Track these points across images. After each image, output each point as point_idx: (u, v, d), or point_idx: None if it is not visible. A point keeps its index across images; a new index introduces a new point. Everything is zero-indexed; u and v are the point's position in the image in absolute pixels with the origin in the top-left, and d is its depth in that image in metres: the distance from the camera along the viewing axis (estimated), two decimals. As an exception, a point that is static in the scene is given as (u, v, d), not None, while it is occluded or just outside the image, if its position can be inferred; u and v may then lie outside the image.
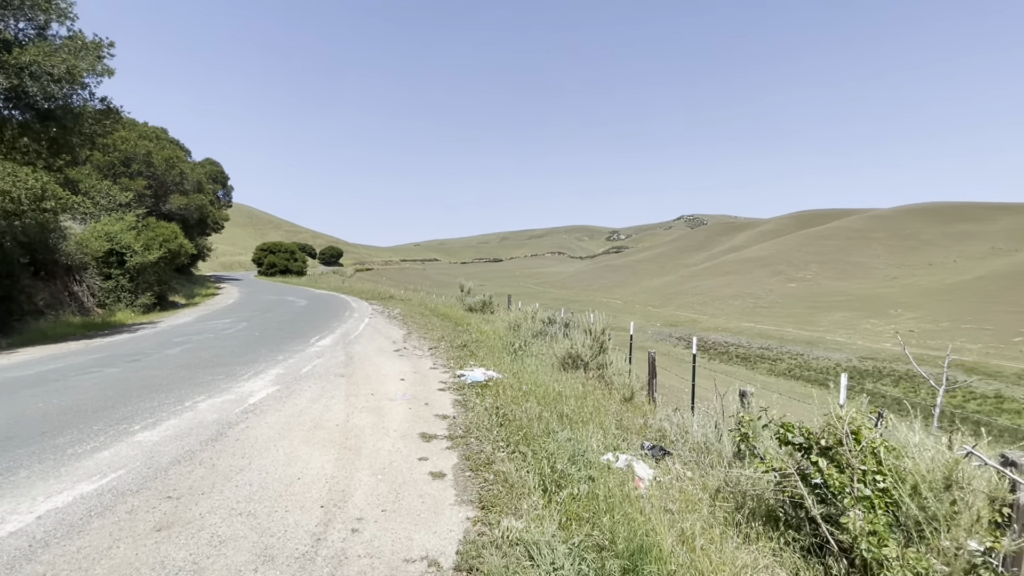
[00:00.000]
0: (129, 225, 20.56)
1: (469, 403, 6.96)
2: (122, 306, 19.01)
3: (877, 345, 42.36)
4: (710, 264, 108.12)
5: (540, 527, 3.43)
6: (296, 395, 7.28)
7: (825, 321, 53.39)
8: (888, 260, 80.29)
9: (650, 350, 9.73)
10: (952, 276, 63.30)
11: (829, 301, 61.13)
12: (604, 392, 8.09)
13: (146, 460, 4.74)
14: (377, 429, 5.82)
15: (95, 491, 4.08)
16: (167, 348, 11.48)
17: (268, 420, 6.04)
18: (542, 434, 5.24)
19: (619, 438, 5.52)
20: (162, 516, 3.71)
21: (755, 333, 52.19)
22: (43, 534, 3.45)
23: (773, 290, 73.45)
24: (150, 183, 30.88)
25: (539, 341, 12.61)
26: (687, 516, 3.58)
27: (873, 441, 3.32)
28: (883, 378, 34.30)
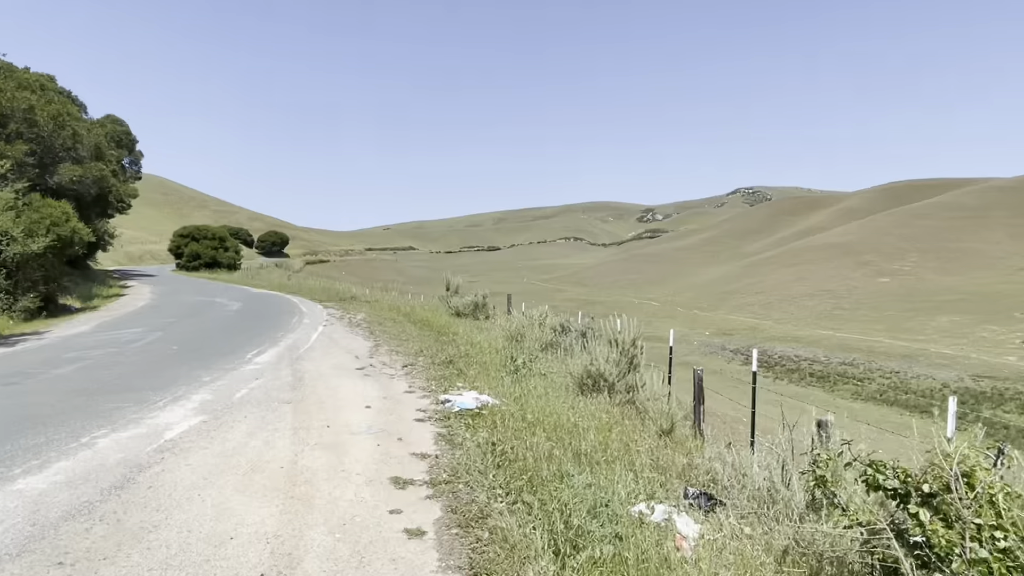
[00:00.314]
0: (6, 204, 20.56)
1: (456, 438, 6.96)
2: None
3: (998, 359, 42.36)
4: (775, 252, 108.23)
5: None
6: (228, 428, 7.29)
7: (928, 328, 53.40)
8: (1012, 247, 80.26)
9: (696, 367, 9.74)
10: (1096, 267, 63.31)
11: (933, 301, 61.12)
12: (635, 423, 8.09)
13: (29, 514, 4.75)
14: (335, 472, 5.83)
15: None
16: (57, 367, 11.49)
17: (191, 461, 6.05)
18: (553, 478, 5.25)
19: (655, 483, 5.53)
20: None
21: (835, 344, 52.25)
22: None
23: (858, 286, 73.49)
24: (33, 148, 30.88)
25: (549, 356, 12.61)
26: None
27: (991, 486, 3.32)
28: (1006, 403, 34.31)
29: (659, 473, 5.97)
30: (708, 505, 5.16)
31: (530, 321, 15.55)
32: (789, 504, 4.64)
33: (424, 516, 4.89)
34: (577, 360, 10.62)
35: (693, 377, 9.23)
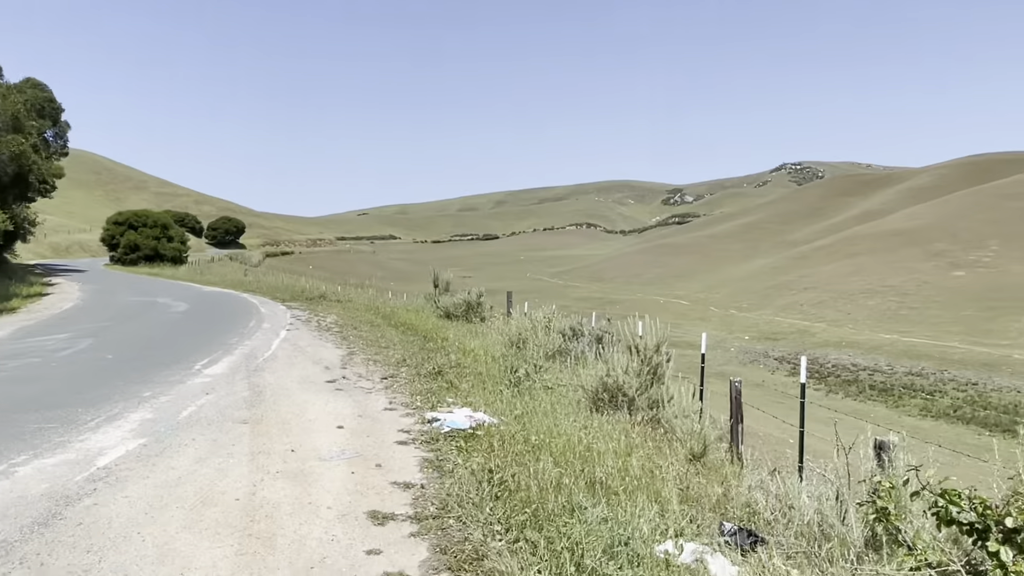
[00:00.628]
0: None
1: (446, 463, 6.96)
2: None
3: (1095, 368, 42.34)
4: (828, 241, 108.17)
5: (559, 659, 3.44)
6: (173, 453, 7.29)
7: (1012, 330, 53.38)
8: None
9: (733, 378, 9.72)
10: None
11: (1020, 299, 61.05)
12: (660, 445, 8.09)
13: (-64, 557, 4.75)
14: (301, 506, 5.82)
15: None
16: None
17: (129, 492, 6.05)
18: (562, 512, 5.25)
19: (684, 517, 5.52)
20: (-38, 645, 3.72)
21: (900, 350, 52.25)
22: None
23: (929, 281, 73.42)
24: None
25: (557, 365, 12.61)
26: (792, 640, 3.60)
27: (1087, 520, 3.32)
28: (1104, 420, 34.34)
29: (689, 505, 5.96)
30: (748, 543, 5.16)
31: (535, 324, 15.53)
32: (845, 541, 4.63)
33: (408, 558, 4.88)
34: (591, 370, 10.61)
35: (730, 390, 9.21)
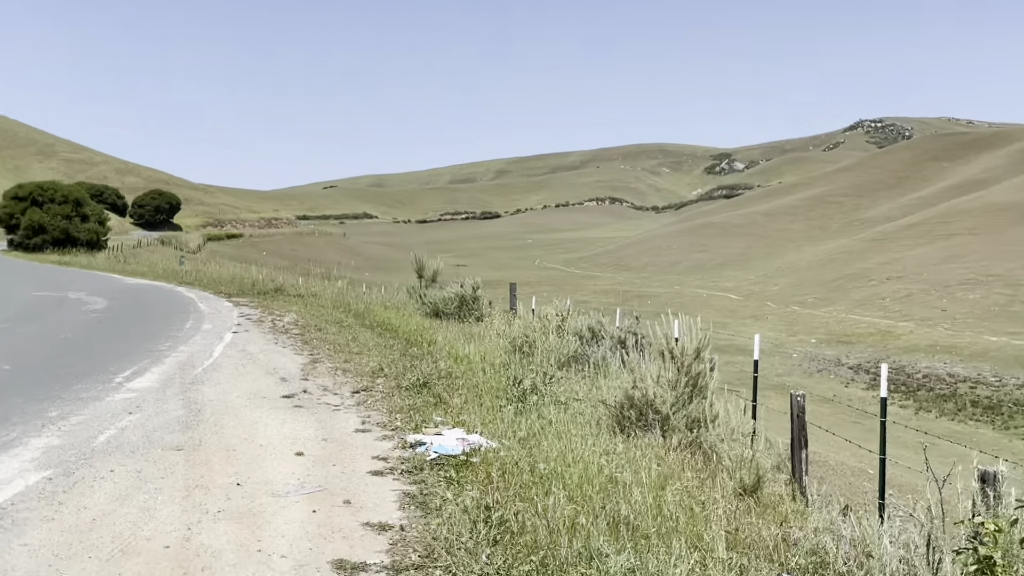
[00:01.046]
0: None
1: (433, 499, 6.93)
2: None
3: None
4: (917, 218, 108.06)
5: None
6: (86, 488, 7.26)
7: None
8: None
9: (795, 391, 9.70)
10: None
11: None
12: (702, 475, 8.08)
13: None
14: (248, 554, 5.79)
15: None
16: None
17: (28, 539, 6.02)
18: (578, 560, 5.23)
19: (734, 568, 5.51)
20: None
21: (1011, 357, 52.20)
22: None
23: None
24: None
25: (572, 375, 12.59)
26: None
27: None
28: None
29: (739, 552, 5.95)
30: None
31: (544, 324, 15.51)
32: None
33: (384, 622, 4.88)
34: (614, 381, 10.59)
35: (791, 407, 9.19)
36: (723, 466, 8.56)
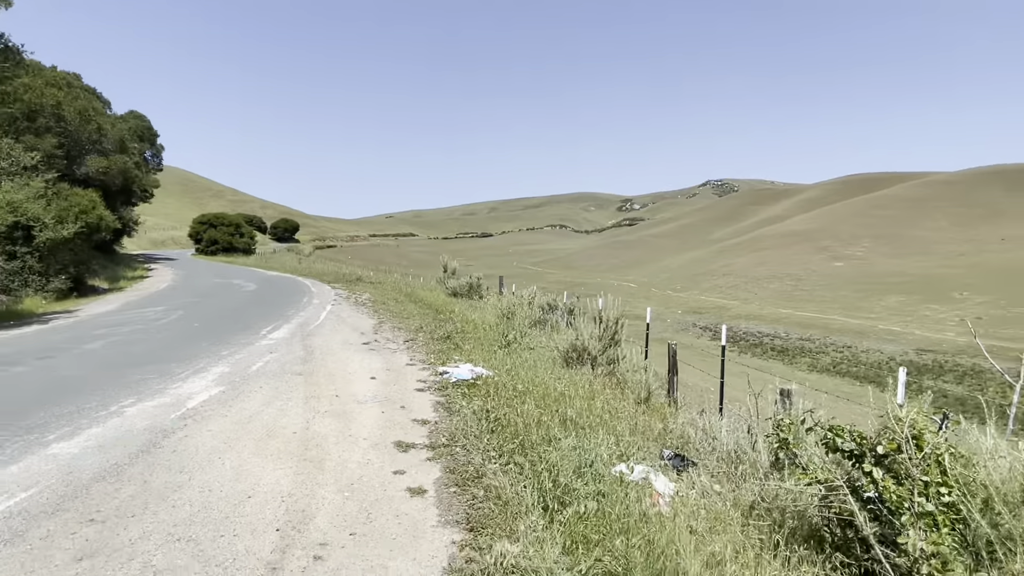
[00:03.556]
0: (37, 192, 20.23)
1: (454, 405, 6.96)
2: (30, 292, 18.80)
3: (938, 335, 42.83)
4: (742, 239, 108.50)
5: (540, 552, 3.45)
6: (245, 397, 7.26)
7: (877, 307, 53.86)
8: (953, 234, 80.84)
9: (670, 342, 9.77)
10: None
11: (882, 283, 61.59)
12: (616, 392, 8.12)
13: (63, 476, 4.71)
14: (343, 437, 5.82)
15: (0, 515, 4.05)
16: (87, 342, 11.40)
17: (211, 427, 6.02)
18: (542, 442, 5.26)
19: (634, 446, 5.55)
20: (84, 543, 3.69)
21: (794, 322, 52.63)
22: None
23: (816, 270, 73.87)
24: (61, 141, 30.34)
25: (537, 332, 12.62)
26: (716, 537, 3.61)
27: (937, 447, 3.34)
28: (944, 374, 34.78)
29: (638, 437, 5.99)
30: (681, 465, 5.19)
31: (520, 301, 15.53)
32: (755, 464, 4.66)
33: (425, 476, 4.89)
34: (563, 336, 10.63)
35: (668, 351, 9.26)
36: (628, 386, 8.61)
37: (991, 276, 56.71)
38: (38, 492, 4.41)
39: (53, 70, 35.19)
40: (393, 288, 25.74)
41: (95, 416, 6.34)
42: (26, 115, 28.32)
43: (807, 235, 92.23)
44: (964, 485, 3.26)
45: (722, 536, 3.65)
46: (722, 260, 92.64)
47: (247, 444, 5.54)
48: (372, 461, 5.20)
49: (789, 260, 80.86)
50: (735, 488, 4.48)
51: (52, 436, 5.66)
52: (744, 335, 49.52)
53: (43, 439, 5.57)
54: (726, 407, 8.26)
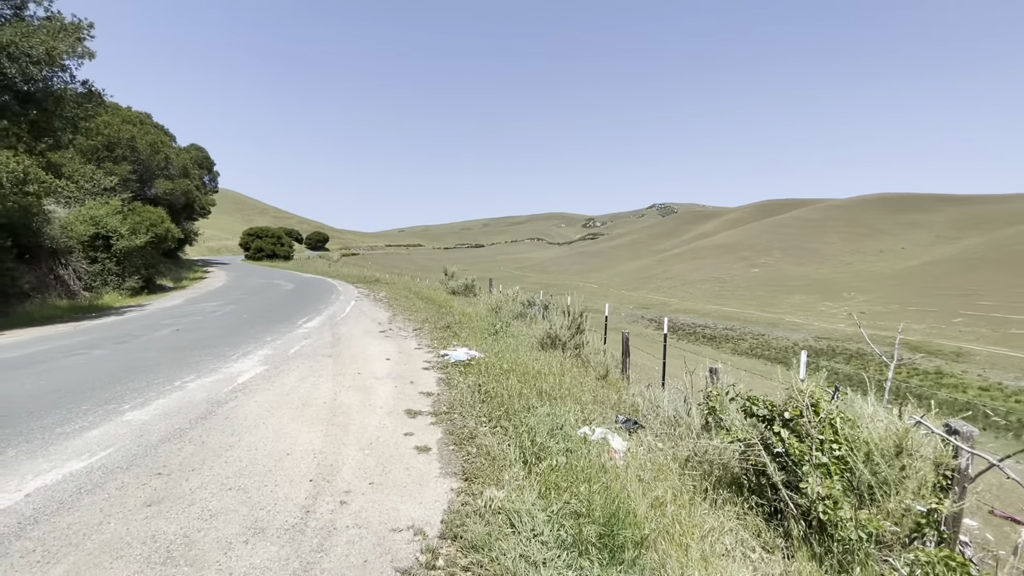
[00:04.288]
0: (115, 209, 19.83)
1: (452, 381, 6.93)
2: (109, 289, 18.40)
3: (832, 326, 43.57)
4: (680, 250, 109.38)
5: (521, 496, 3.45)
6: (284, 375, 7.16)
7: (785, 304, 54.62)
8: (843, 247, 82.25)
9: (624, 331, 9.82)
10: (901, 262, 65.22)
11: (789, 285, 62.48)
12: (581, 370, 8.14)
13: (135, 439, 4.61)
14: (364, 406, 5.76)
15: (84, 469, 3.96)
16: (155, 330, 11.18)
17: (257, 399, 5.93)
18: (522, 410, 5.25)
19: (595, 413, 5.57)
20: (152, 492, 3.62)
21: (721, 315, 53.19)
22: (32, 511, 3.33)
23: (738, 275, 74.73)
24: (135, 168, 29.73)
25: (519, 322, 12.62)
26: (659, 484, 3.64)
27: (830, 413, 3.40)
28: (836, 356, 35.36)
29: (598, 405, 6.01)
30: (632, 428, 5.22)
31: (506, 298, 15.51)
32: (690, 427, 4.70)
33: (430, 437, 4.86)
34: (540, 326, 10.63)
35: (622, 338, 9.31)
36: (591, 366, 8.64)
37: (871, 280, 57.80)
38: (115, 451, 4.32)
39: (128, 110, 34.49)
40: (404, 288, 25.59)
41: (162, 390, 6.22)
42: (105, 146, 27.74)
43: (731, 247, 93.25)
44: (851, 442, 3.32)
45: (664, 483, 3.68)
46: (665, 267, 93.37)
47: (286, 412, 5.47)
48: (387, 425, 5.16)
49: (717, 267, 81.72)
50: (674, 445, 4.52)
51: (127, 406, 5.54)
52: (682, 326, 49.93)
53: (119, 408, 5.45)
54: (668, 382, 8.31)
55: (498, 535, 3.08)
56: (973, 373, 30.25)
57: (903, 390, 26.43)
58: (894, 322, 41.34)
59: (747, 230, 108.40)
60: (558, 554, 2.89)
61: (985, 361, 32.15)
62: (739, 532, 3.24)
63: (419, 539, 3.14)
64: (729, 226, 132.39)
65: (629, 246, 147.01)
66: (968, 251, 60.28)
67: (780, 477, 3.39)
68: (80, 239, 17.66)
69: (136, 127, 31.28)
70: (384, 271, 44.94)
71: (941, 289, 48.88)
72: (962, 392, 27.24)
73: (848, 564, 2.91)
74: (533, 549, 2.92)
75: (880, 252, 75.25)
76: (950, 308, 43.24)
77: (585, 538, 3.00)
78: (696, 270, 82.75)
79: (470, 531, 3.15)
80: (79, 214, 18.37)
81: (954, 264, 56.05)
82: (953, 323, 39.97)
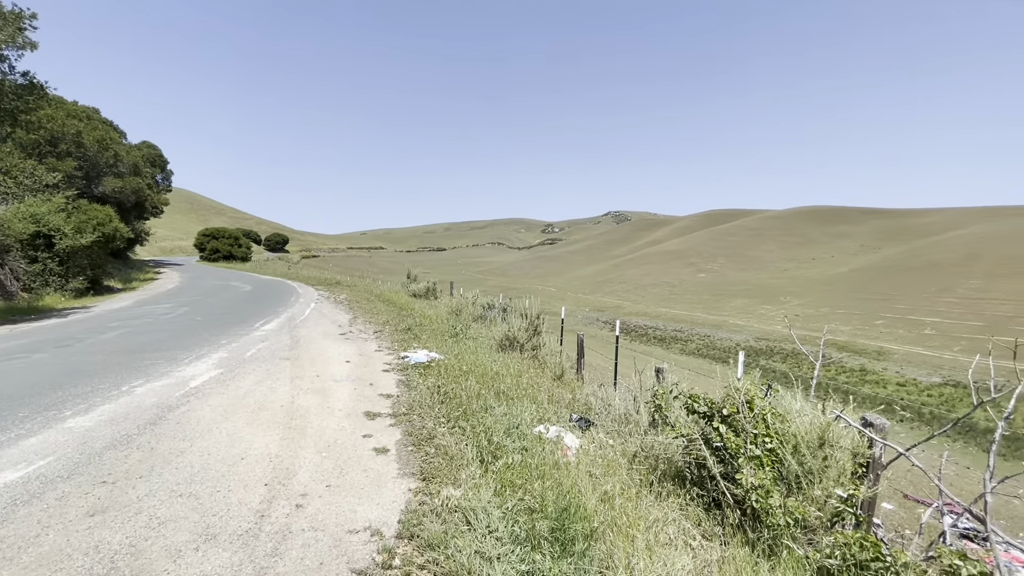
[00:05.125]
0: (58, 207, 18.48)
1: (412, 383, 6.84)
2: (51, 290, 17.13)
3: (770, 327, 45.73)
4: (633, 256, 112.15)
5: (477, 494, 3.46)
6: (240, 378, 6.88)
7: (728, 307, 56.92)
8: (780, 255, 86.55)
9: (579, 333, 9.98)
10: (830, 269, 69.21)
11: (732, 290, 65.16)
12: (538, 371, 8.21)
13: (78, 446, 4.33)
14: (322, 409, 5.62)
15: (19, 479, 3.68)
16: (101, 333, 10.50)
17: (211, 403, 5.68)
18: (480, 410, 5.26)
19: (550, 412, 5.64)
20: (96, 501, 3.41)
21: (670, 317, 54.85)
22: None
23: (686, 279, 77.31)
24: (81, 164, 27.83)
25: (479, 325, 12.60)
26: (608, 479, 3.73)
27: (763, 409, 3.59)
28: (774, 355, 37.14)
29: (553, 405, 6.08)
30: (585, 426, 5.32)
31: (466, 301, 15.45)
32: (638, 424, 4.84)
33: (388, 438, 4.80)
34: (499, 328, 10.66)
35: (577, 340, 9.46)
36: (547, 366, 8.73)
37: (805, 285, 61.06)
38: (55, 460, 4.04)
39: (74, 104, 32.28)
40: (365, 291, 25.04)
41: (108, 395, 5.85)
42: (48, 141, 25.85)
43: (680, 254, 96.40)
44: (781, 436, 3.51)
45: (613, 478, 3.78)
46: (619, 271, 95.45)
47: (241, 416, 5.27)
48: (345, 428, 5.05)
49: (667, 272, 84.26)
50: (624, 442, 4.64)
51: (68, 412, 5.19)
52: (635, 327, 51.17)
53: (60, 415, 5.10)
54: (620, 381, 8.50)
55: (454, 533, 3.08)
56: (892, 370, 32.46)
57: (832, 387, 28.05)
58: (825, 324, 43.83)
59: (694, 238, 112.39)
60: (512, 549, 2.92)
61: (902, 359, 34.56)
62: (681, 522, 3.36)
63: (376, 539, 3.10)
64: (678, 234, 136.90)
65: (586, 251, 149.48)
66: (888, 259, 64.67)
67: (719, 469, 3.55)
68: (19, 237, 16.37)
69: (82, 122, 29.29)
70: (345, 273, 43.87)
71: (865, 294, 52.21)
72: (883, 388, 29.19)
73: (777, 548, 3.08)
74: (488, 545, 2.94)
75: (812, 260, 79.62)
76: (872, 311, 46.25)
77: (538, 533, 3.05)
78: (648, 275, 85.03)
79: (427, 530, 3.14)
80: (17, 211, 17.03)
81: (876, 271, 59.99)
82: (875, 325, 42.77)
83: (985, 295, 43.92)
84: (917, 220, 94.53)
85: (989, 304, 41.82)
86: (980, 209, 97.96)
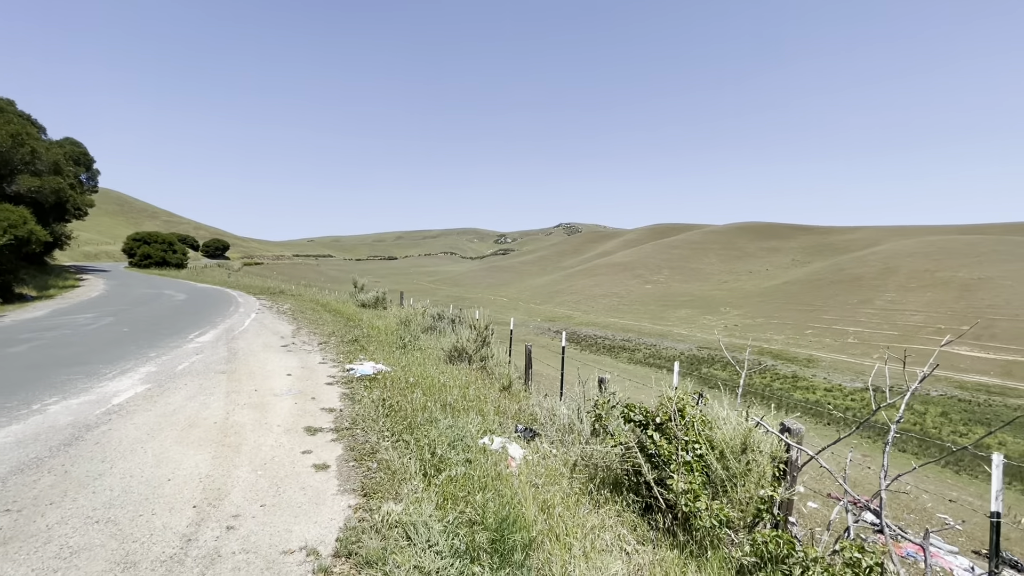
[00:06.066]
0: (-39, 207, 16.80)
1: (357, 396, 6.69)
2: (-50, 298, 15.48)
3: (711, 336, 47.87)
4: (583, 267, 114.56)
5: (419, 509, 3.44)
6: (169, 393, 6.49)
7: (673, 317, 59.18)
8: (720, 267, 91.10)
9: (528, 343, 10.10)
10: (765, 281, 73.51)
11: (676, 300, 67.84)
12: (485, 382, 8.23)
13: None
14: (259, 425, 5.40)
15: (-94, 511, 3.32)
16: (10, 346, 9.59)
17: (135, 421, 5.32)
18: (426, 422, 5.23)
19: (496, 423, 5.67)
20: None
21: (619, 327, 56.33)
22: None
23: (633, 290, 79.78)
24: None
25: (428, 336, 12.50)
26: (549, 488, 3.81)
27: (694, 416, 3.79)
28: (714, 364, 38.89)
29: (500, 416, 6.13)
30: (530, 436, 5.39)
31: (416, 312, 15.27)
32: (581, 433, 4.96)
33: (329, 454, 4.68)
34: (448, 339, 10.61)
35: (525, 350, 9.57)
36: (495, 377, 8.77)
37: (743, 297, 64.50)
38: (-51, 488, 3.67)
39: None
40: (311, 300, 24.21)
41: (15, 414, 5.36)
42: (-47, 134, 23.49)
43: (627, 265, 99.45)
44: (709, 442, 3.72)
45: (554, 487, 3.86)
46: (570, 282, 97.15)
47: (170, 434, 4.97)
48: (284, 444, 4.88)
49: (615, 283, 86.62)
50: (566, 451, 4.74)
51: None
52: (585, 337, 52.13)
53: (-43, 438, 4.63)
54: (565, 392, 8.66)
55: (393, 548, 3.05)
56: (820, 376, 34.77)
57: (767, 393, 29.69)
58: (761, 333, 46.44)
59: (641, 250, 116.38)
60: (451, 563, 2.93)
61: (829, 366, 37.11)
62: (618, 528, 3.49)
63: (312, 559, 3.02)
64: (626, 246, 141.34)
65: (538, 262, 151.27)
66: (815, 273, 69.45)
67: (652, 475, 3.71)
68: (-88, 240, 14.71)
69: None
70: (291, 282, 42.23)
71: (796, 305, 55.77)
72: (812, 393, 31.20)
73: (704, 549, 3.25)
74: (427, 560, 2.93)
75: (749, 272, 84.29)
76: (803, 321, 49.44)
77: (478, 545, 3.07)
78: (597, 285, 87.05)
79: (365, 547, 3.09)
80: (-88, 211, 15.31)
81: (805, 284, 64.26)
82: (805, 334, 45.73)
83: (899, 306, 48.03)
84: (840, 237, 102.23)
85: (902, 315, 45.75)
86: (894, 228, 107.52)
